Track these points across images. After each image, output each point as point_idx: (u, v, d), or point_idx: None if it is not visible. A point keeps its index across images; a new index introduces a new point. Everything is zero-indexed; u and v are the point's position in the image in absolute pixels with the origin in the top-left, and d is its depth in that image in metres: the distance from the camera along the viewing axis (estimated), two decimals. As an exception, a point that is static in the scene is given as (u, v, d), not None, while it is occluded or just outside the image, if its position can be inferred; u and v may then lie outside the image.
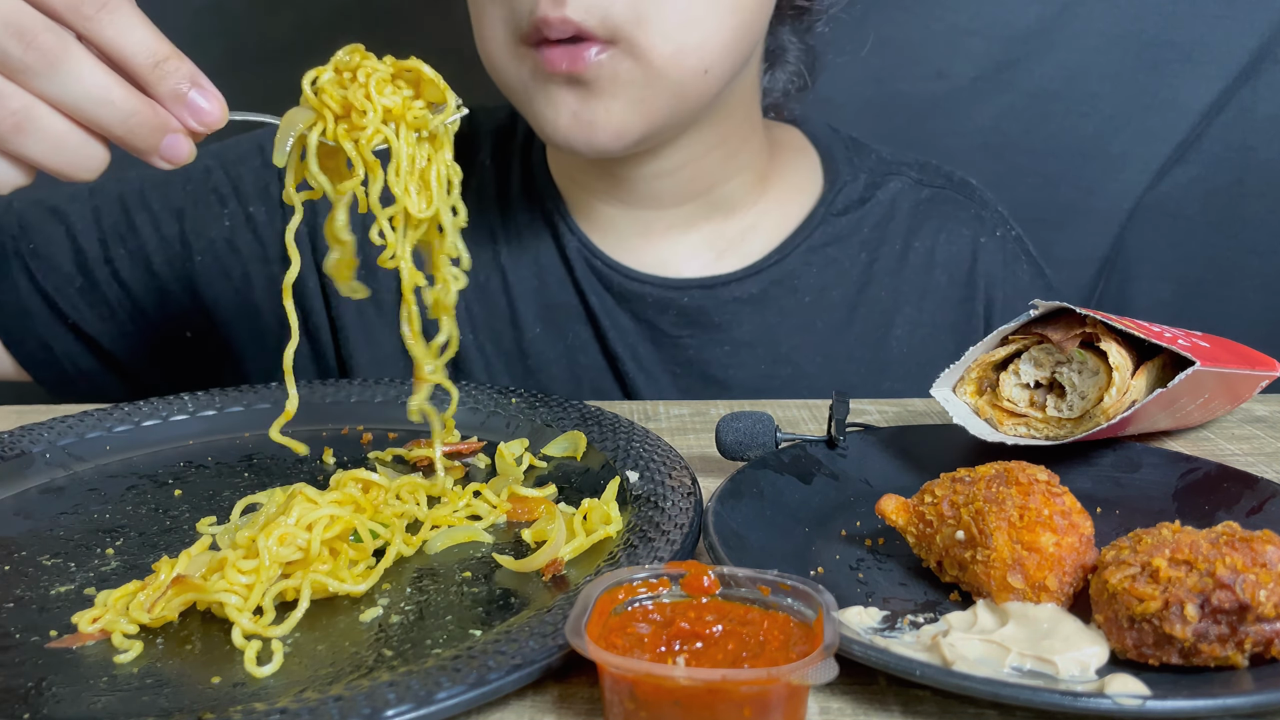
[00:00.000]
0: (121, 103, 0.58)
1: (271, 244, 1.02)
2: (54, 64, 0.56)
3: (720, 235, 0.99)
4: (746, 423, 0.71)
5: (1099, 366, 0.69)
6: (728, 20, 0.84)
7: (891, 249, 1.02)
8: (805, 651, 0.45)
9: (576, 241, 0.98)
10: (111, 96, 0.57)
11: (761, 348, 0.98)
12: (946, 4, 1.29)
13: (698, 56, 0.84)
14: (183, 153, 0.60)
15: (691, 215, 0.98)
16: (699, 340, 0.97)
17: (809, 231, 1.00)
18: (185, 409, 0.82)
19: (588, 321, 0.98)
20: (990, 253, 1.04)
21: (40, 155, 0.58)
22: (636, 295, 0.97)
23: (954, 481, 0.57)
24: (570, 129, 0.84)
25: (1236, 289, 1.36)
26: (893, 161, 1.07)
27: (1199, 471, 0.67)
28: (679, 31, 0.82)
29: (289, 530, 0.57)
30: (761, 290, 0.98)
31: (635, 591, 0.49)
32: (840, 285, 1.00)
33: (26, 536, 0.65)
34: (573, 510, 0.65)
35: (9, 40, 0.55)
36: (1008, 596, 0.53)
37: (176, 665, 0.52)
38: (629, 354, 0.97)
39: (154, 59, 0.58)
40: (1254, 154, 1.31)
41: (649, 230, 0.98)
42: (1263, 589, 0.47)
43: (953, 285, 1.02)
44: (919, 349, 1.00)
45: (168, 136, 0.60)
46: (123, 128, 0.58)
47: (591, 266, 0.97)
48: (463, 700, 0.46)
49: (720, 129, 0.94)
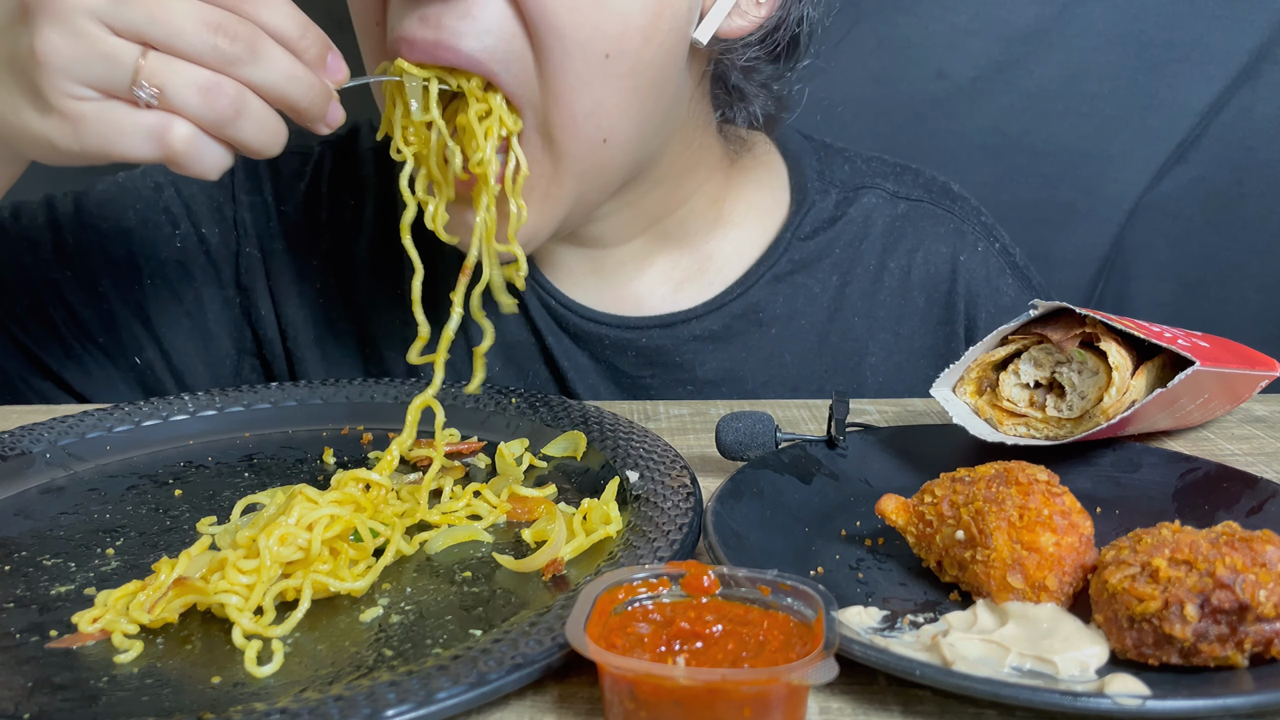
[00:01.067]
0: (305, 77, 0.64)
1: (225, 266, 0.98)
2: (254, 52, 0.62)
3: (676, 266, 0.94)
4: (746, 423, 0.71)
5: (1099, 366, 0.69)
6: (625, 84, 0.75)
7: (865, 270, 0.96)
8: (805, 651, 0.45)
9: (532, 281, 0.93)
10: (297, 73, 0.64)
11: (726, 385, 0.94)
12: (946, 4, 1.29)
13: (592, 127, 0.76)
14: (340, 115, 0.67)
15: (643, 248, 0.93)
16: (661, 380, 0.94)
17: (773, 259, 0.94)
18: (185, 409, 0.83)
19: (546, 362, 0.95)
20: (971, 269, 0.97)
21: (251, 137, 0.64)
22: (594, 336, 0.93)
23: (954, 481, 0.57)
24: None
25: (1236, 289, 1.36)
26: (867, 171, 1.00)
27: (1199, 471, 0.67)
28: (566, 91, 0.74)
29: (290, 530, 0.57)
30: (724, 326, 0.93)
31: (635, 591, 0.49)
32: (809, 313, 0.94)
33: (26, 536, 0.65)
34: (573, 510, 0.65)
35: (216, 37, 0.61)
36: (1007, 596, 0.53)
37: (176, 665, 0.52)
38: (590, 394, 0.94)
39: (301, 30, 0.64)
40: (1254, 154, 1.31)
41: (601, 267, 0.94)
42: (1262, 589, 0.47)
43: (931, 306, 0.96)
44: (894, 377, 0.96)
45: (331, 102, 0.66)
46: (306, 99, 0.64)
47: (547, 306, 0.93)
48: (463, 700, 0.46)
49: (657, 169, 0.87)
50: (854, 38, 1.22)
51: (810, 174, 0.98)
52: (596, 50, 0.73)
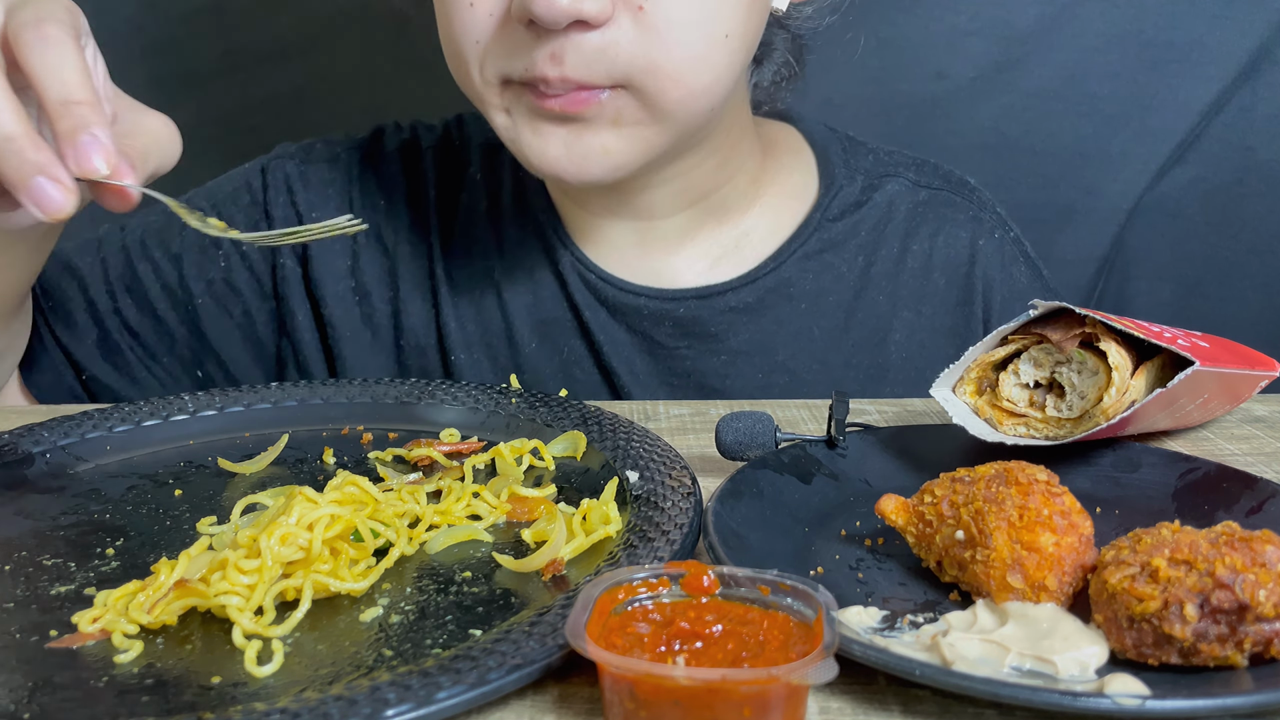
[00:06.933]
0: (18, 134, 0.54)
1: (266, 279, 1.02)
2: None
3: (716, 242, 0.99)
4: (746, 423, 0.71)
5: (1099, 366, 0.69)
6: (737, 55, 0.82)
7: (889, 252, 1.00)
8: (805, 651, 0.45)
9: (570, 256, 0.97)
10: (9, 125, 0.53)
11: (758, 356, 0.97)
12: (946, 4, 1.29)
13: (708, 99, 0.82)
14: (54, 202, 0.55)
15: (687, 223, 0.98)
16: (695, 351, 0.97)
17: (804, 238, 0.99)
18: (185, 409, 0.82)
19: (582, 336, 0.98)
20: (988, 255, 1.02)
21: None
22: (632, 308, 0.96)
23: (954, 481, 0.58)
24: (559, 161, 0.82)
25: (1236, 289, 1.36)
26: (890, 162, 1.05)
27: (1199, 471, 0.67)
28: (690, 76, 0.79)
29: (290, 530, 0.57)
30: (757, 299, 0.97)
31: (635, 591, 0.49)
32: (836, 291, 0.99)
33: (26, 536, 0.65)
34: (572, 510, 0.65)
35: None
36: (1007, 596, 0.53)
37: (176, 665, 0.52)
38: (625, 367, 0.97)
39: (65, 97, 0.55)
40: (1254, 154, 1.31)
41: (644, 240, 0.98)
42: (1262, 589, 0.47)
43: (950, 288, 1.01)
44: (917, 353, 1.00)
45: (39, 178, 0.54)
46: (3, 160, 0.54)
47: (585, 281, 0.97)
48: (463, 700, 0.46)
49: (714, 139, 0.93)
50: (854, 38, 1.22)
51: (837, 161, 1.02)
52: (718, 32, 0.79)
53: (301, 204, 1.02)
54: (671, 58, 0.77)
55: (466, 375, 0.99)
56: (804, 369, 0.98)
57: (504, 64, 0.79)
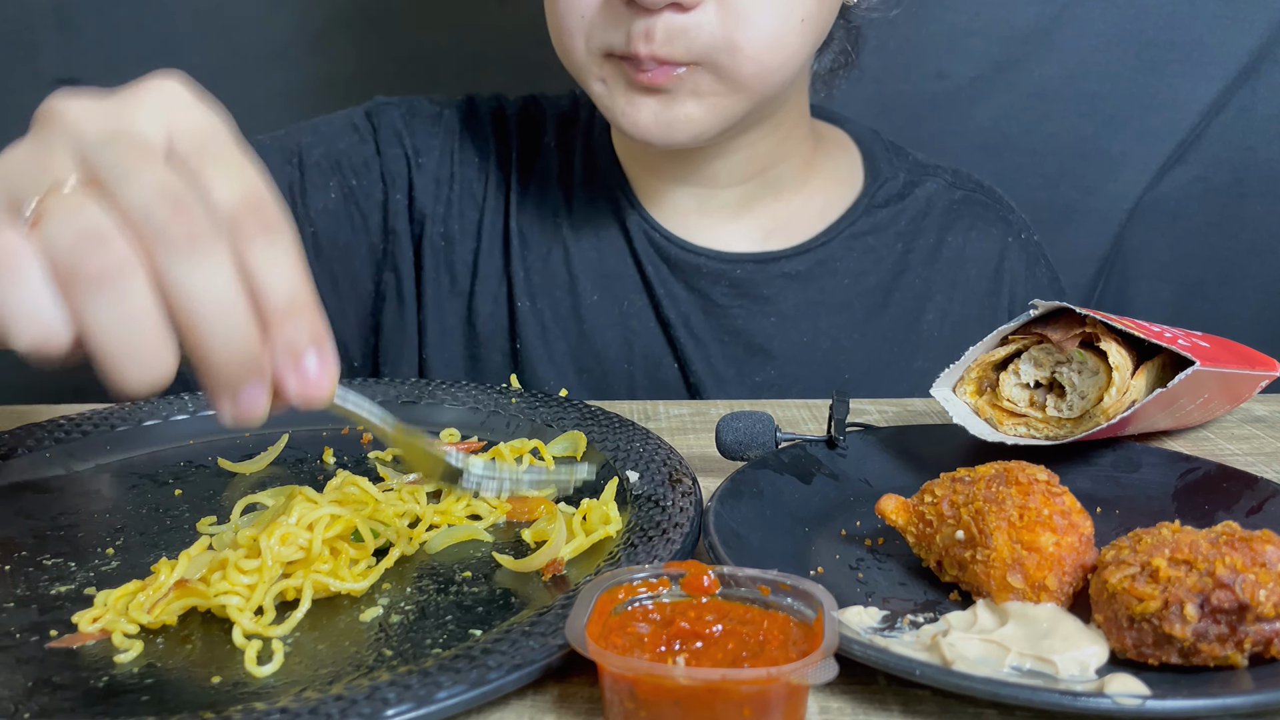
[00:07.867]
0: (238, 319, 0.45)
1: (372, 215, 1.06)
2: (194, 241, 0.44)
3: (770, 216, 1.06)
4: (746, 422, 0.71)
5: (1099, 366, 0.69)
6: (809, 37, 0.90)
7: (926, 242, 1.08)
8: (805, 651, 0.45)
9: (638, 216, 1.04)
10: (231, 306, 0.45)
11: (804, 321, 1.03)
12: (946, 4, 1.29)
13: (782, 74, 0.90)
14: (258, 408, 0.48)
15: (746, 195, 1.05)
16: (748, 311, 1.03)
17: (852, 219, 1.06)
18: (185, 409, 0.82)
19: (643, 289, 1.04)
20: (1015, 254, 1.10)
21: (101, 328, 0.44)
22: (692, 266, 1.03)
23: (954, 481, 0.58)
24: (649, 127, 0.90)
25: (1236, 289, 1.36)
26: (928, 165, 1.13)
27: (1199, 471, 0.68)
28: (766, 54, 0.87)
29: (291, 530, 0.57)
30: (807, 269, 1.04)
31: (635, 591, 0.49)
32: (877, 271, 1.06)
33: (26, 536, 0.65)
34: (573, 510, 0.65)
35: (157, 203, 0.44)
36: (1007, 596, 0.53)
37: (176, 665, 0.52)
38: (681, 321, 1.03)
39: (291, 301, 0.47)
40: (1254, 154, 1.31)
41: (705, 208, 1.04)
42: (1262, 589, 0.47)
43: (981, 279, 1.08)
44: (949, 334, 1.06)
45: (253, 384, 0.47)
46: (220, 343, 0.45)
47: (650, 239, 1.03)
48: (463, 700, 0.46)
49: (777, 117, 1.01)
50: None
51: (881, 158, 1.11)
52: (794, 16, 0.87)
53: (409, 149, 1.08)
54: (749, 38, 0.86)
55: (527, 323, 1.04)
56: (844, 336, 1.04)
57: (606, 36, 0.88)
